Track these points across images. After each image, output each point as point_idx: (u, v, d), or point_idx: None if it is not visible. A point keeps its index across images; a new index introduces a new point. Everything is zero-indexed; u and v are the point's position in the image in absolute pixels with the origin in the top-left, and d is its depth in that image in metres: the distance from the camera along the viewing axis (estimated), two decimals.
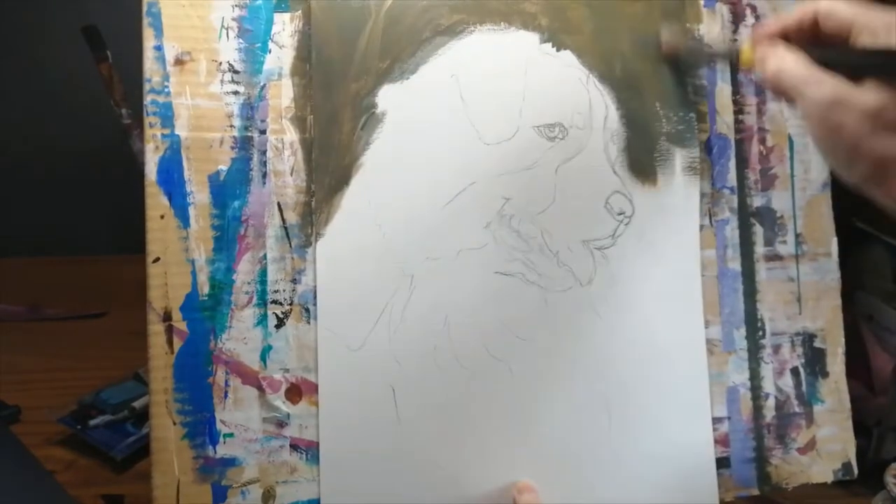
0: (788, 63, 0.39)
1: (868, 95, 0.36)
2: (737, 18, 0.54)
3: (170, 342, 0.45)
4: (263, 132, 0.47)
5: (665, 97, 0.52)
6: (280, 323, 0.46)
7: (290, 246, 0.47)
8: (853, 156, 0.36)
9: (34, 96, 0.94)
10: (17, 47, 0.93)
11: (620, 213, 0.50)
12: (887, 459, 0.58)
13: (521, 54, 0.50)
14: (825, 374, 0.55)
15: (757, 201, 0.55)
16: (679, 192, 0.52)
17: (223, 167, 0.46)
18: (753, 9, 0.55)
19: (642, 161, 0.51)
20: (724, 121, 0.54)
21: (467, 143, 0.49)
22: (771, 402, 0.54)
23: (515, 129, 0.49)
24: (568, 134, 0.50)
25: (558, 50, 0.50)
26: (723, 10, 0.54)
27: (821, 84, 0.37)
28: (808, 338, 0.55)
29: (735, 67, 0.53)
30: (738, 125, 0.54)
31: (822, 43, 0.40)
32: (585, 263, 0.50)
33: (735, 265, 0.53)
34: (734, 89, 0.54)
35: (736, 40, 0.54)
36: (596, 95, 0.51)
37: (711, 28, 0.54)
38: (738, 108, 0.54)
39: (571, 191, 0.50)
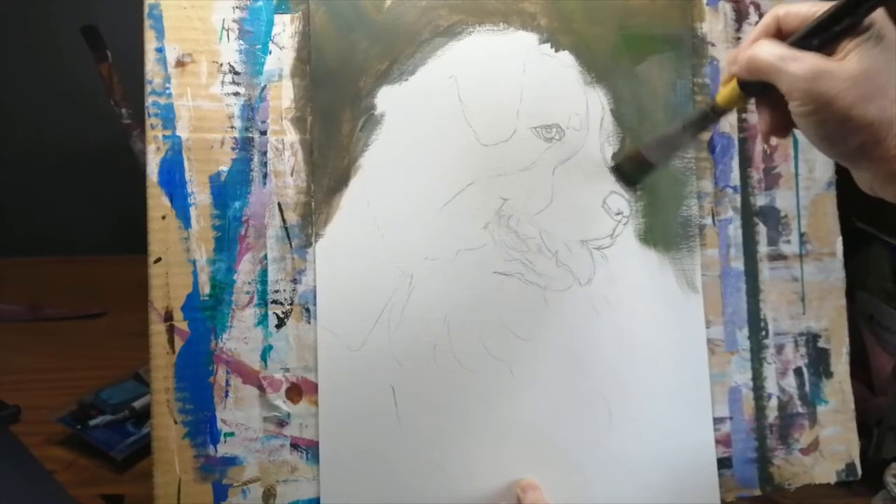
0: (764, 46, 0.38)
1: (852, 62, 0.36)
2: (740, 16, 0.54)
3: (171, 342, 0.45)
4: (264, 133, 0.47)
5: (662, 98, 0.52)
6: (280, 323, 0.46)
7: (291, 246, 0.47)
8: (845, 126, 0.36)
9: (34, 96, 0.94)
10: (17, 47, 0.93)
11: (618, 213, 0.50)
12: (887, 459, 0.58)
13: (520, 55, 0.50)
14: (829, 375, 0.55)
15: (760, 200, 0.54)
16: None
17: (224, 168, 0.46)
18: (757, 6, 0.54)
19: None
20: (728, 119, 0.54)
21: (465, 144, 0.48)
22: (773, 403, 0.53)
23: (513, 131, 0.49)
24: (565, 135, 0.50)
25: (557, 50, 0.50)
26: (726, 8, 0.54)
27: (801, 59, 0.37)
28: (811, 338, 0.55)
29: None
30: (742, 124, 0.54)
31: None
32: (584, 263, 0.50)
33: (738, 265, 0.53)
34: None
35: (739, 38, 0.54)
36: (593, 96, 0.51)
37: (714, 26, 0.54)
38: (742, 107, 0.54)
39: (569, 191, 0.50)
